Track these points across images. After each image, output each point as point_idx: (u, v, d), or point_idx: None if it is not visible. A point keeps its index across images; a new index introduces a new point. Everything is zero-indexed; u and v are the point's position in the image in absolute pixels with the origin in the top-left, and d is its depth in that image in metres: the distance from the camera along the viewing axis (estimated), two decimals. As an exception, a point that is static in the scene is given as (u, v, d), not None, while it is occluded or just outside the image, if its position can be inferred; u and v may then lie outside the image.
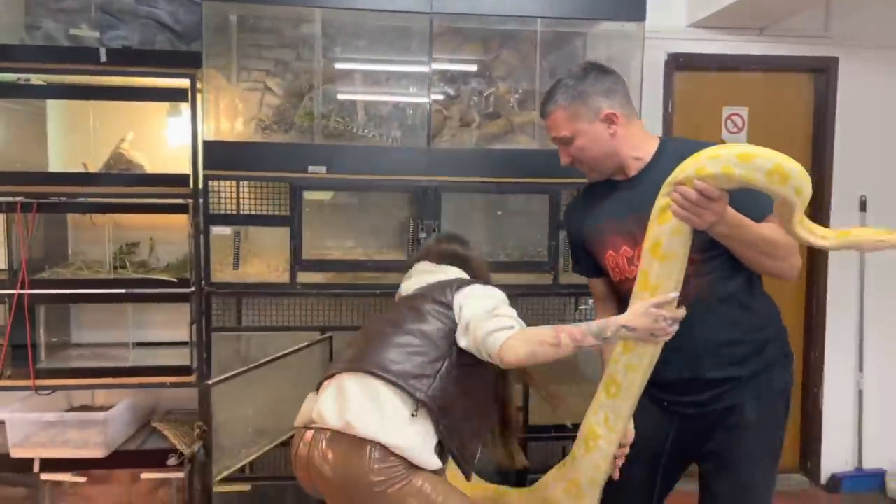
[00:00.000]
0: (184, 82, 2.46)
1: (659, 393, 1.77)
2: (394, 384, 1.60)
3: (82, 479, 2.54)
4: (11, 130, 2.58)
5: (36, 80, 2.52)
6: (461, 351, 1.68)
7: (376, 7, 2.42)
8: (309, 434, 1.63)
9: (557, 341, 1.51)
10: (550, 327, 1.54)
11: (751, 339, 1.72)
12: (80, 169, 2.61)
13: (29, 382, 2.44)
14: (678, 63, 3.24)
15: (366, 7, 2.42)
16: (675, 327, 1.51)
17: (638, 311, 1.50)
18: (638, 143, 1.74)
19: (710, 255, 1.65)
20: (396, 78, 2.68)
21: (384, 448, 1.54)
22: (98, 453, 2.46)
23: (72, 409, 2.82)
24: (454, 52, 2.76)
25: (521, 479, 2.42)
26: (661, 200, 1.50)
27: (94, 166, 2.64)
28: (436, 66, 2.62)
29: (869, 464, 3.49)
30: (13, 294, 2.40)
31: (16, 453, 2.46)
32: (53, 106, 2.77)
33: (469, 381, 1.70)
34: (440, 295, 1.75)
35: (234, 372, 2.01)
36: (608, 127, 1.71)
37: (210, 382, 1.91)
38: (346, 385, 1.63)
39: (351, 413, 1.57)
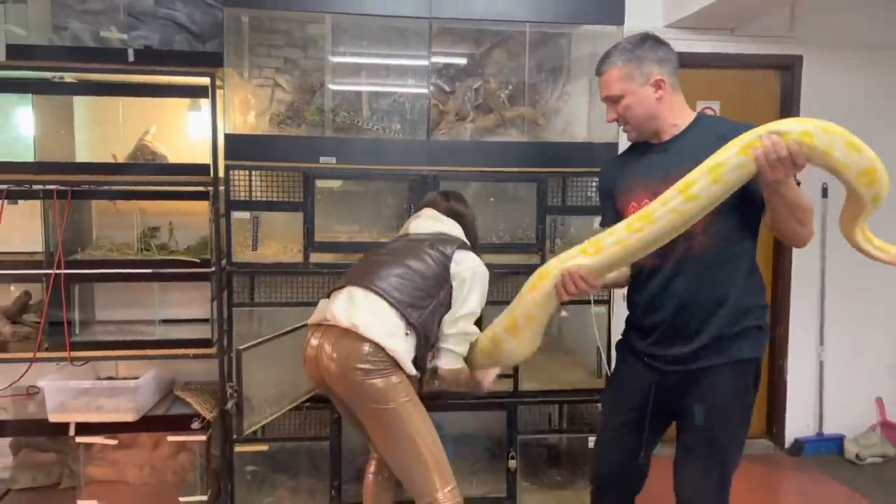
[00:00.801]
0: (204, 80, 2.69)
1: (642, 342, 1.90)
2: (394, 306, 1.99)
3: (114, 442, 2.80)
4: (42, 123, 2.80)
5: (67, 77, 2.74)
6: (446, 295, 2.09)
7: (381, 13, 2.66)
8: (314, 340, 2.02)
9: (469, 387, 2.17)
10: (467, 373, 2.12)
11: (738, 305, 1.81)
12: (108, 159, 2.85)
13: (65, 354, 2.68)
14: (656, 61, 3.50)
15: (371, 12, 2.66)
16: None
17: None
18: (678, 111, 1.86)
19: (722, 216, 1.75)
20: (398, 74, 2.93)
21: (379, 347, 1.93)
22: (129, 417, 2.71)
23: (98, 378, 3.06)
24: (449, 49, 3.01)
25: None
26: (750, 137, 1.53)
27: (120, 157, 2.87)
28: (435, 60, 2.86)
29: (829, 429, 3.80)
30: (51, 273, 2.63)
31: (53, 418, 2.70)
32: (80, 100, 2.99)
33: None
34: (442, 246, 2.13)
35: (263, 338, 2.27)
36: (655, 91, 1.82)
37: (241, 348, 2.15)
38: (355, 295, 2.02)
39: (358, 318, 1.96)
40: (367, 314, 1.97)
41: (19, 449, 3.01)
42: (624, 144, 2.06)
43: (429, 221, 2.26)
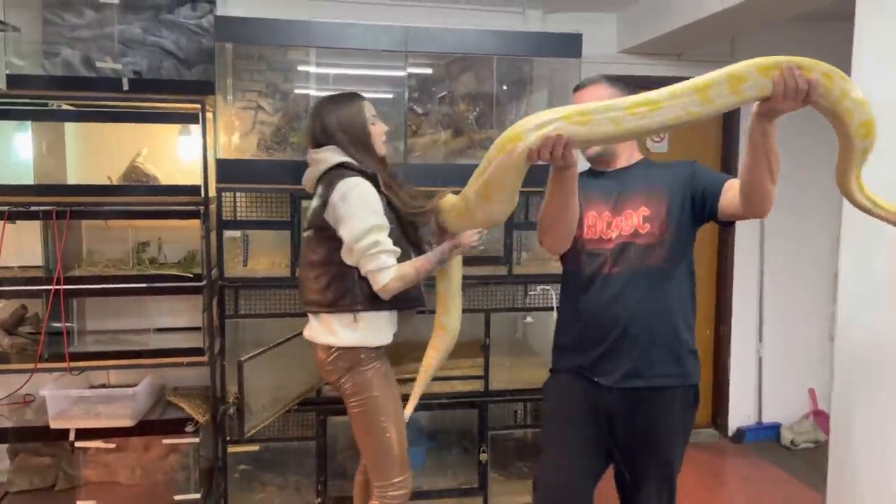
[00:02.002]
0: (195, 107, 2.88)
1: (587, 357, 1.87)
2: (329, 312, 2.14)
3: (112, 446, 2.97)
4: (40, 148, 2.96)
5: (64, 104, 2.90)
6: (336, 245, 2.14)
7: (361, 47, 2.88)
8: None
9: (418, 276, 2.13)
10: (411, 265, 2.12)
11: (684, 323, 1.86)
12: (102, 180, 3.01)
13: (65, 364, 2.85)
14: (610, 83, 3.80)
15: (352, 47, 2.88)
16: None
17: (466, 236, 2.17)
18: (634, 146, 2.01)
19: (676, 228, 1.83)
20: (377, 103, 3.16)
21: (329, 348, 2.14)
22: (127, 423, 2.89)
23: (91, 387, 3.23)
24: (421, 70, 3.25)
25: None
26: (768, 61, 1.46)
27: (113, 178, 3.04)
28: (410, 84, 3.10)
29: (767, 418, 4.17)
30: (51, 289, 2.80)
31: (55, 425, 2.86)
32: (71, 125, 3.14)
33: None
34: (317, 220, 2.15)
35: (263, 349, 2.49)
36: None
37: (243, 359, 2.37)
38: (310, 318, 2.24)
39: (307, 330, 2.23)
40: (312, 322, 2.21)
41: (16, 453, 3.16)
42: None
43: (310, 179, 2.28)
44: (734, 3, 2.86)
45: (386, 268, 2.08)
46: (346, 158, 2.19)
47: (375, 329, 2.17)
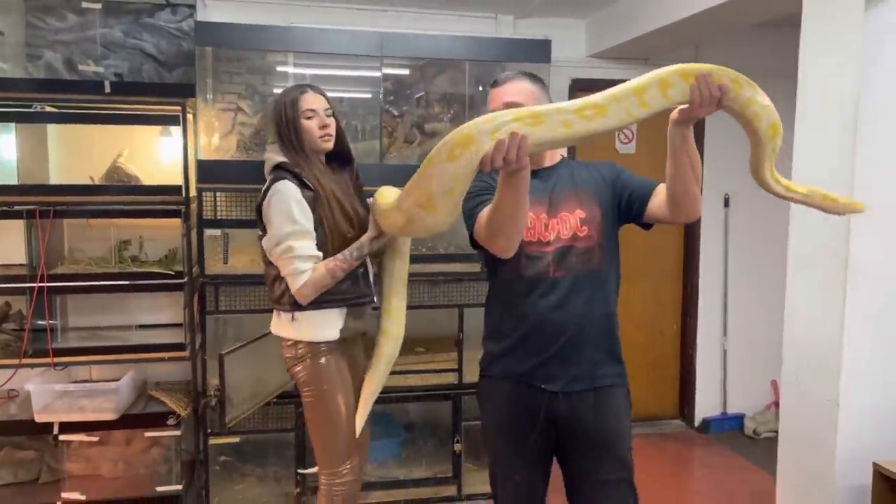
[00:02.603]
0: (176, 109, 2.96)
1: (530, 362, 1.82)
2: (276, 308, 2.24)
3: (95, 439, 3.05)
4: (23, 149, 3.03)
5: (47, 107, 2.97)
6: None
7: (338, 51, 2.99)
8: None
9: (333, 277, 2.10)
10: (324, 266, 2.09)
11: (617, 324, 1.89)
12: (83, 180, 3.09)
13: (48, 360, 2.93)
14: (579, 86, 3.94)
15: (329, 51, 2.98)
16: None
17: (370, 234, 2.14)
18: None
19: (610, 230, 1.83)
20: (352, 105, 3.27)
21: (282, 339, 2.22)
22: (110, 416, 2.96)
23: (73, 381, 3.30)
24: (397, 80, 3.36)
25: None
26: (684, 67, 1.51)
27: (95, 178, 3.12)
28: (386, 85, 3.21)
29: (732, 409, 4.33)
30: (35, 287, 2.88)
31: (39, 418, 2.94)
32: (54, 126, 3.21)
33: None
34: (259, 222, 2.22)
35: (243, 343, 2.58)
36: None
37: (224, 353, 2.47)
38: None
39: (272, 326, 2.29)
40: (273, 315, 2.28)
41: (1, 447, 3.23)
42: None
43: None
44: (698, 10, 2.99)
45: (298, 273, 2.08)
46: (283, 158, 2.17)
47: (318, 325, 2.18)
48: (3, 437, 3.19)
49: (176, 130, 3.04)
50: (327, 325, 2.20)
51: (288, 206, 2.08)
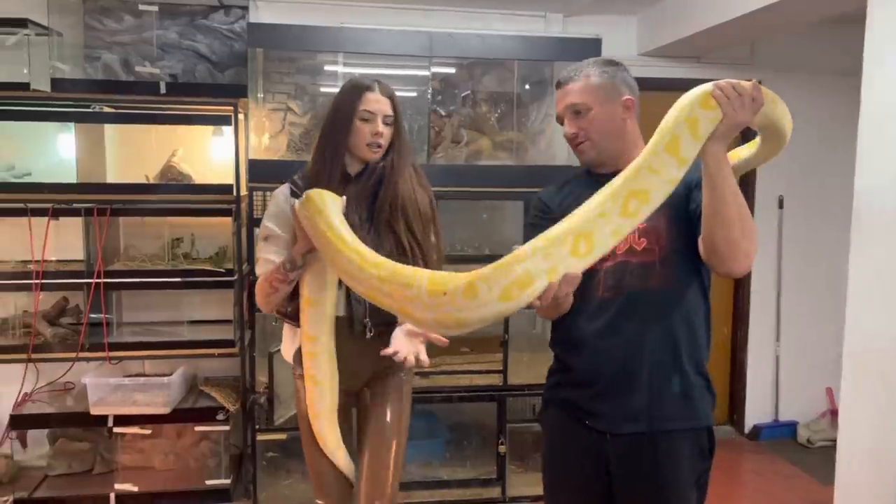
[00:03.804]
0: (228, 109, 3.01)
1: (582, 394, 1.61)
2: None
3: (148, 432, 3.13)
4: (82, 148, 3.11)
5: (105, 107, 3.05)
6: None
7: (387, 51, 3.00)
8: None
9: (274, 288, 1.80)
10: (264, 278, 1.81)
11: (692, 356, 1.61)
12: (139, 179, 3.16)
13: (104, 354, 3.01)
14: (630, 85, 3.87)
15: (378, 52, 2.99)
16: None
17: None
18: (638, 142, 1.68)
19: (678, 244, 1.57)
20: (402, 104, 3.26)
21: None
22: (163, 410, 3.03)
23: (127, 376, 3.38)
24: (445, 79, 3.36)
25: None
26: (701, 90, 1.38)
27: (150, 176, 3.19)
28: (433, 83, 3.21)
29: (784, 416, 4.22)
30: (92, 283, 2.95)
31: (94, 411, 3.02)
32: (111, 126, 3.29)
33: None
34: None
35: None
36: (623, 112, 1.65)
37: (273, 351, 2.50)
38: None
39: None
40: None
41: (56, 439, 3.33)
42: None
43: None
44: (756, 7, 2.90)
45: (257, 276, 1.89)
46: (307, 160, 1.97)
47: (284, 341, 2.06)
48: (59, 429, 3.28)
49: (228, 130, 3.09)
50: (286, 343, 2.04)
51: (268, 210, 1.93)
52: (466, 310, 1.29)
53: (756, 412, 4.22)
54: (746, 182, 4.01)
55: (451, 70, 3.35)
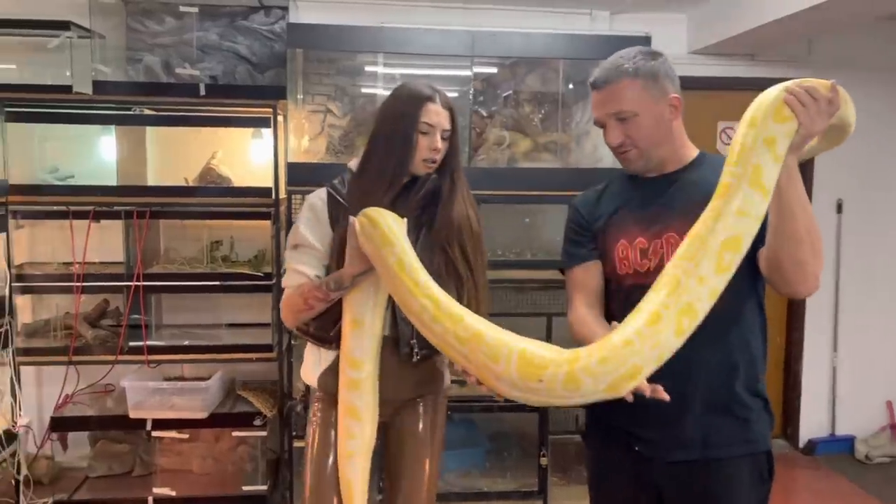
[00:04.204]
0: (267, 111, 2.97)
1: (627, 417, 1.45)
2: None
3: (185, 436, 3.11)
4: (122, 150, 3.11)
5: (145, 109, 3.04)
6: None
7: (428, 51, 2.92)
8: None
9: (308, 305, 1.66)
10: (299, 294, 1.67)
11: (750, 376, 1.50)
12: (179, 182, 3.14)
13: (143, 357, 3.00)
14: (680, 84, 3.72)
15: (419, 52, 2.92)
16: None
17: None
18: (684, 141, 1.58)
19: (743, 264, 1.33)
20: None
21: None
22: (200, 414, 3.01)
23: (166, 378, 3.37)
24: (487, 80, 3.27)
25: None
26: (772, 95, 1.29)
27: (189, 178, 3.17)
28: (475, 83, 3.12)
29: (841, 430, 4.02)
30: (132, 285, 2.95)
31: (133, 414, 3.01)
32: (152, 128, 3.29)
33: None
34: None
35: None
36: (670, 112, 1.51)
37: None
38: None
39: None
40: None
41: (96, 440, 3.34)
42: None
43: None
44: (818, 2, 2.75)
45: (285, 287, 1.76)
46: (354, 164, 1.81)
47: (306, 361, 1.85)
48: (98, 431, 3.29)
49: (267, 132, 3.05)
50: (309, 364, 1.84)
51: (300, 214, 1.79)
52: (563, 399, 1.24)
53: (811, 426, 4.04)
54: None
55: (494, 70, 3.26)
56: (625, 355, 1.21)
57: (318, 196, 1.78)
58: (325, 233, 1.72)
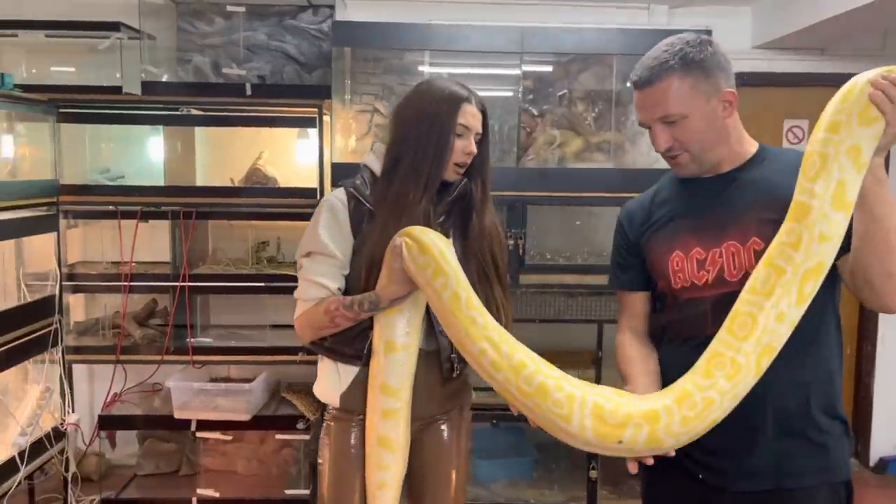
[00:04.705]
0: (312, 111, 2.94)
1: (693, 446, 1.27)
2: None
3: (229, 438, 3.10)
4: (170, 151, 3.12)
5: (192, 109, 3.05)
6: None
7: (476, 48, 2.84)
8: None
9: (335, 323, 1.55)
10: (327, 303, 1.56)
11: (828, 400, 1.38)
12: (226, 182, 3.14)
13: (188, 358, 3.00)
14: (743, 80, 3.49)
15: (467, 48, 2.84)
16: None
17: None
18: (741, 136, 1.42)
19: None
20: (489, 104, 3.10)
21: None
22: (243, 417, 2.99)
23: (211, 380, 3.37)
24: (538, 78, 3.16)
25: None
26: (858, 86, 1.17)
27: (236, 179, 3.16)
28: (525, 84, 3.02)
29: (915, 449, 3.78)
30: (178, 286, 2.95)
31: (178, 415, 3.01)
32: (201, 129, 3.30)
33: None
34: None
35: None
36: (724, 110, 1.36)
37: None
38: None
39: None
40: None
41: (145, 439, 3.37)
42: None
43: None
44: (890, -8, 2.57)
45: (299, 300, 1.65)
46: (373, 163, 1.69)
47: (322, 377, 1.74)
48: (146, 430, 3.31)
49: (313, 132, 3.02)
50: (327, 381, 1.71)
51: (318, 217, 1.64)
52: (642, 452, 1.22)
53: (883, 443, 3.79)
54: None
55: (546, 68, 3.15)
56: (705, 416, 1.19)
57: (338, 197, 1.65)
58: (346, 239, 1.61)
